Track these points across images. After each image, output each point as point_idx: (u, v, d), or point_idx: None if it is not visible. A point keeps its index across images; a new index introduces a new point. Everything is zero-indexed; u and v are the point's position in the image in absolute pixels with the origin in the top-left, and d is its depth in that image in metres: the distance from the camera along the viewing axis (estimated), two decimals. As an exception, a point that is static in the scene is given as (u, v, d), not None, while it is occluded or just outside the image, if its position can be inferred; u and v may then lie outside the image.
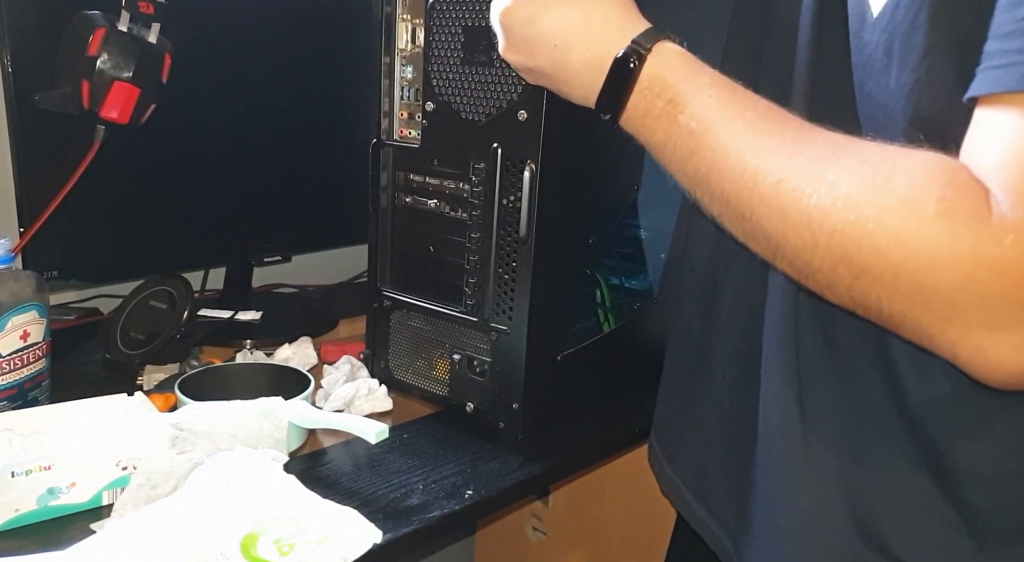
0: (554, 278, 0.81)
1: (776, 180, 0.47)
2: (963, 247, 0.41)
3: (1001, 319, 0.41)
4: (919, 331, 0.44)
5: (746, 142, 0.49)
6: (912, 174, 0.43)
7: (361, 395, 0.87)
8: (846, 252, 0.44)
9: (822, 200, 0.45)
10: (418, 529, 0.67)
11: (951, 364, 0.48)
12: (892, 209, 0.42)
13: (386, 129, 0.87)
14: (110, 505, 0.67)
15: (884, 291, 0.43)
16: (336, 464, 0.77)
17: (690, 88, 0.53)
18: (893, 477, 0.54)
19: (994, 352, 0.42)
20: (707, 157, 0.51)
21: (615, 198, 0.89)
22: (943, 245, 0.41)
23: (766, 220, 0.47)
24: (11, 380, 0.77)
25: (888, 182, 0.43)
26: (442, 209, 0.84)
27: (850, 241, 0.43)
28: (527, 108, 0.74)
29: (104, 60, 0.86)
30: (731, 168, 0.49)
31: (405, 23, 0.83)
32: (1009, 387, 0.44)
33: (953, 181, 0.42)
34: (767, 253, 0.49)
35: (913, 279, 0.42)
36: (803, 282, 0.48)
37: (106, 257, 1.00)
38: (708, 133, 0.51)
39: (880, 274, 0.43)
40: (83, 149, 0.89)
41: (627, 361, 0.96)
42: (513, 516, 1.42)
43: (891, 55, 0.49)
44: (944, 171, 0.43)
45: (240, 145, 1.08)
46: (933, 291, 0.42)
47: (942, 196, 0.41)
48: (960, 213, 0.41)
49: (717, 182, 0.50)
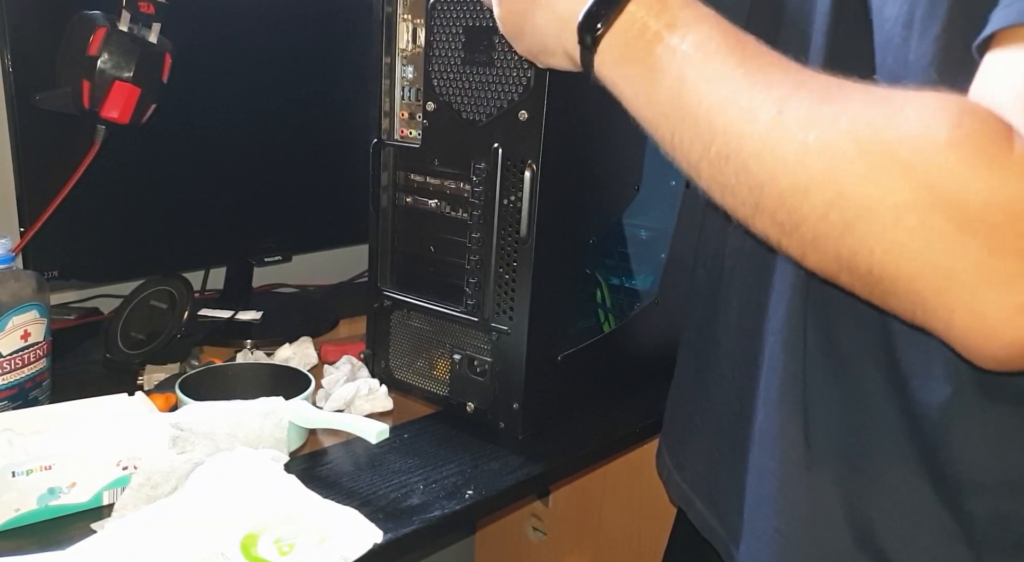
0: (554, 278, 0.81)
1: (775, 113, 0.42)
2: (976, 182, 0.36)
3: (1008, 273, 0.36)
4: (912, 295, 0.39)
5: (746, 73, 0.44)
6: (923, 104, 0.39)
7: (361, 395, 0.87)
8: (842, 192, 0.39)
9: (822, 134, 0.40)
10: (418, 529, 0.67)
11: (952, 366, 0.48)
12: (900, 140, 0.37)
13: (387, 129, 0.87)
14: (110, 505, 0.67)
15: (880, 241, 0.38)
16: (336, 464, 0.77)
17: (691, 15, 0.48)
18: (892, 483, 0.53)
19: (995, 316, 0.37)
20: (701, 88, 0.46)
21: (615, 198, 0.89)
22: (954, 178, 0.36)
23: (754, 158, 0.42)
24: (11, 380, 0.77)
25: (896, 114, 0.39)
26: (443, 209, 0.84)
27: (849, 179, 0.39)
28: (528, 108, 0.74)
29: (105, 60, 0.86)
30: (726, 99, 0.44)
31: (406, 23, 0.83)
32: (1005, 366, 0.39)
33: (971, 112, 0.37)
34: (747, 205, 0.44)
35: (916, 221, 0.37)
36: (783, 244, 0.43)
37: (106, 257, 1.00)
38: (707, 62, 0.46)
39: (879, 217, 0.38)
40: (83, 149, 0.89)
41: (627, 361, 0.96)
42: (513, 516, 1.42)
43: (911, 27, 0.45)
44: (959, 102, 0.38)
45: (240, 145, 1.08)
46: (937, 237, 0.37)
47: (958, 123, 0.37)
48: (977, 144, 0.36)
49: (706, 115, 0.45)
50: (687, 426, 0.74)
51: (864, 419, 0.54)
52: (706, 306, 0.70)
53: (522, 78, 0.74)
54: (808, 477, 0.56)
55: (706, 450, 0.70)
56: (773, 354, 0.59)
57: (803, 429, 0.56)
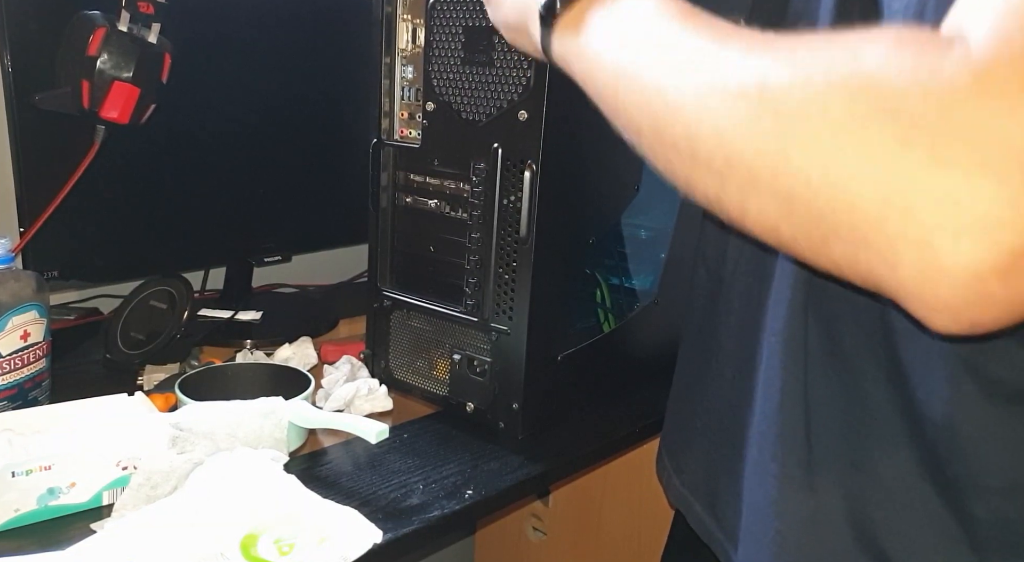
0: (554, 278, 0.81)
1: (695, 67, 0.40)
2: (913, 87, 0.32)
3: (954, 187, 0.31)
4: (852, 232, 0.34)
5: (706, 39, 0.42)
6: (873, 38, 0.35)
7: (361, 395, 0.87)
8: (778, 113, 0.36)
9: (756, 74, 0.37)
10: (418, 529, 0.67)
11: (952, 365, 0.48)
12: (836, 70, 0.34)
13: (386, 129, 0.87)
14: (110, 505, 0.67)
15: (815, 164, 0.34)
16: (336, 464, 0.77)
17: None
18: (894, 484, 0.53)
19: (942, 246, 0.31)
20: (657, 57, 0.44)
21: (615, 198, 0.89)
22: (891, 87, 0.32)
23: (683, 109, 0.40)
24: (11, 380, 0.77)
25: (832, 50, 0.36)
26: (442, 209, 0.84)
27: (784, 106, 0.35)
28: (528, 108, 0.74)
29: (104, 60, 0.86)
30: (692, 65, 0.41)
31: (406, 23, 0.83)
32: (963, 323, 0.34)
33: (903, 33, 0.35)
34: (683, 160, 0.41)
35: (852, 138, 0.33)
36: (721, 200, 0.40)
37: (106, 257, 1.00)
38: (664, 32, 0.44)
39: (814, 137, 0.34)
40: (83, 149, 0.89)
41: (627, 361, 0.96)
42: (513, 516, 1.42)
43: (923, 17, 0.43)
44: (888, 30, 0.35)
45: (240, 145, 1.08)
46: (876, 151, 0.32)
47: (897, 39, 0.34)
48: (923, 43, 0.33)
49: (671, 87, 0.42)
50: (687, 429, 0.74)
51: (865, 419, 0.54)
52: (707, 307, 0.70)
53: (522, 78, 0.74)
54: (809, 478, 0.56)
55: (705, 453, 0.70)
56: (773, 354, 0.58)
57: (804, 429, 0.56)
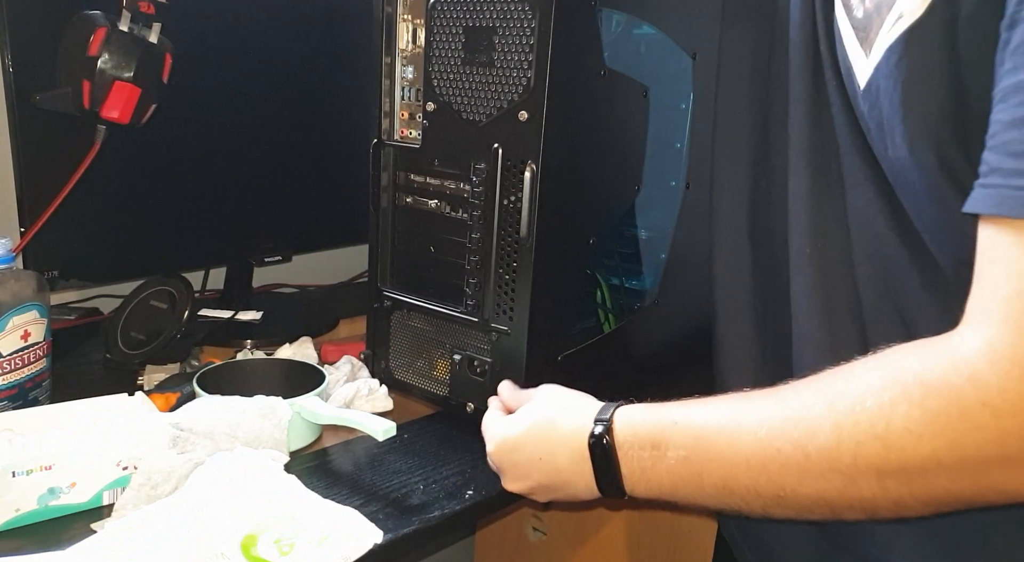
0: (555, 278, 0.80)
1: (789, 444, 0.48)
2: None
3: None
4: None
5: (731, 435, 0.51)
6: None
7: (361, 395, 0.87)
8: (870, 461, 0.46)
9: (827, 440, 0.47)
10: (418, 529, 0.67)
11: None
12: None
13: (387, 129, 0.87)
14: (110, 505, 0.67)
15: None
16: (336, 464, 0.77)
17: (658, 425, 0.56)
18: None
19: None
20: (714, 471, 0.52)
21: (615, 198, 0.89)
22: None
23: (799, 486, 0.48)
24: (11, 380, 0.77)
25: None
26: (443, 209, 0.84)
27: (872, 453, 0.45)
28: (528, 109, 0.74)
29: (105, 60, 0.86)
30: (737, 464, 0.51)
31: (406, 23, 0.83)
32: None
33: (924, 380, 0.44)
34: (825, 513, 0.50)
35: None
36: (875, 509, 0.48)
37: (106, 257, 1.00)
38: (697, 451, 0.53)
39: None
40: (83, 149, 0.89)
41: (627, 362, 0.96)
42: (513, 516, 1.42)
43: (883, 129, 0.49)
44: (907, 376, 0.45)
45: (240, 145, 1.08)
46: None
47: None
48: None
49: (736, 483, 0.51)
50: None
51: None
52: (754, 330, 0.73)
53: (522, 78, 0.74)
54: None
55: None
56: (802, 338, 0.62)
57: None
